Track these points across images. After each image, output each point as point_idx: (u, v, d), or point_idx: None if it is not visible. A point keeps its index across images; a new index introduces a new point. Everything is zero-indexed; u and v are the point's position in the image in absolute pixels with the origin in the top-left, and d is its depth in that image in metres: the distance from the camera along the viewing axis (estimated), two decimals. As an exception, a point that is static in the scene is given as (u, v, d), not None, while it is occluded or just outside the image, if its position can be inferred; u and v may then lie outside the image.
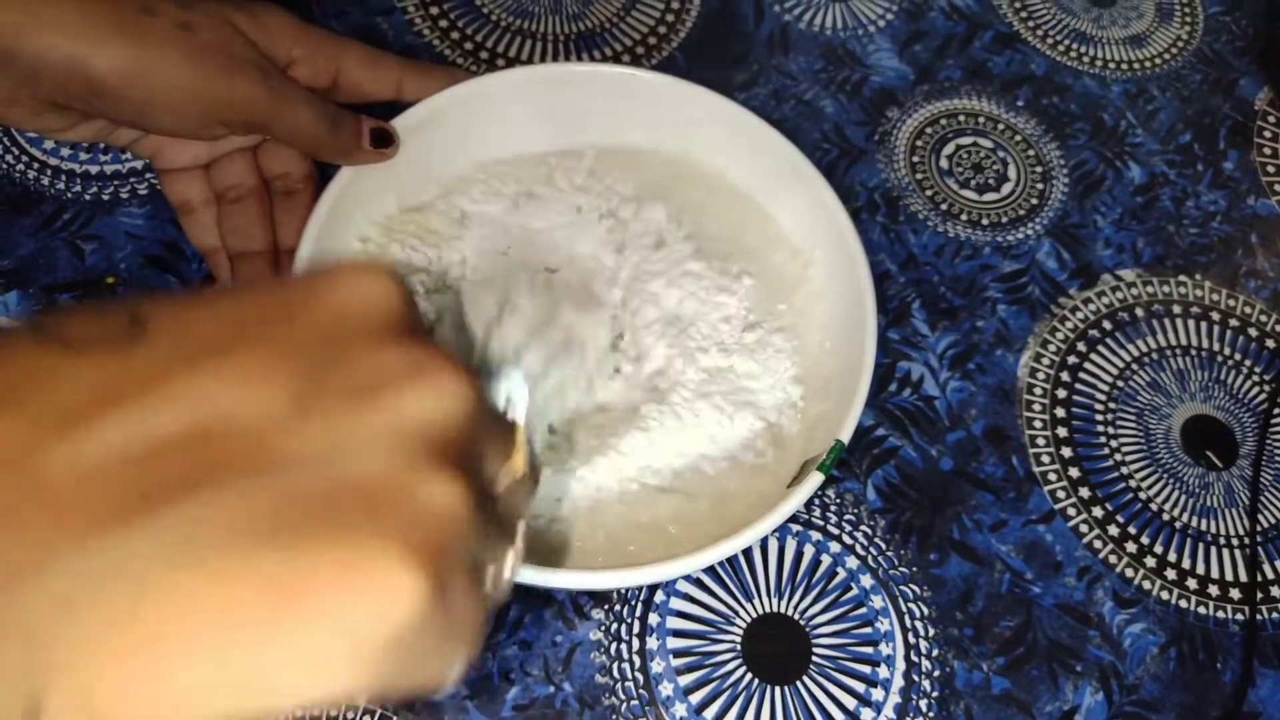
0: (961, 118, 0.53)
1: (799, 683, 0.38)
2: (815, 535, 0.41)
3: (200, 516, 0.16)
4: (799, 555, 0.40)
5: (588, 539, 0.37)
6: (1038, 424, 0.45)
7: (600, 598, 0.39)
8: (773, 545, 0.40)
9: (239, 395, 0.18)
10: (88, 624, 0.16)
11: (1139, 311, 0.48)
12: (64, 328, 0.18)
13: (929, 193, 0.50)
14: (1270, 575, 0.42)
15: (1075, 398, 0.45)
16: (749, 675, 0.38)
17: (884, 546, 0.41)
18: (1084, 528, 0.42)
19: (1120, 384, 0.46)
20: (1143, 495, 0.44)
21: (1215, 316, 0.49)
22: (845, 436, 0.35)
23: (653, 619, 0.38)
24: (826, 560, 0.40)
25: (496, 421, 0.23)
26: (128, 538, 0.16)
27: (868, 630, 0.39)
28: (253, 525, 0.17)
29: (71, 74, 0.32)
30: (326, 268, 0.21)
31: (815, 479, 0.35)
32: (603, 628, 0.38)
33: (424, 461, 0.19)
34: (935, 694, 0.38)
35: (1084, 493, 0.43)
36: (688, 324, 0.40)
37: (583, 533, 0.37)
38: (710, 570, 0.39)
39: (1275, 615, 0.42)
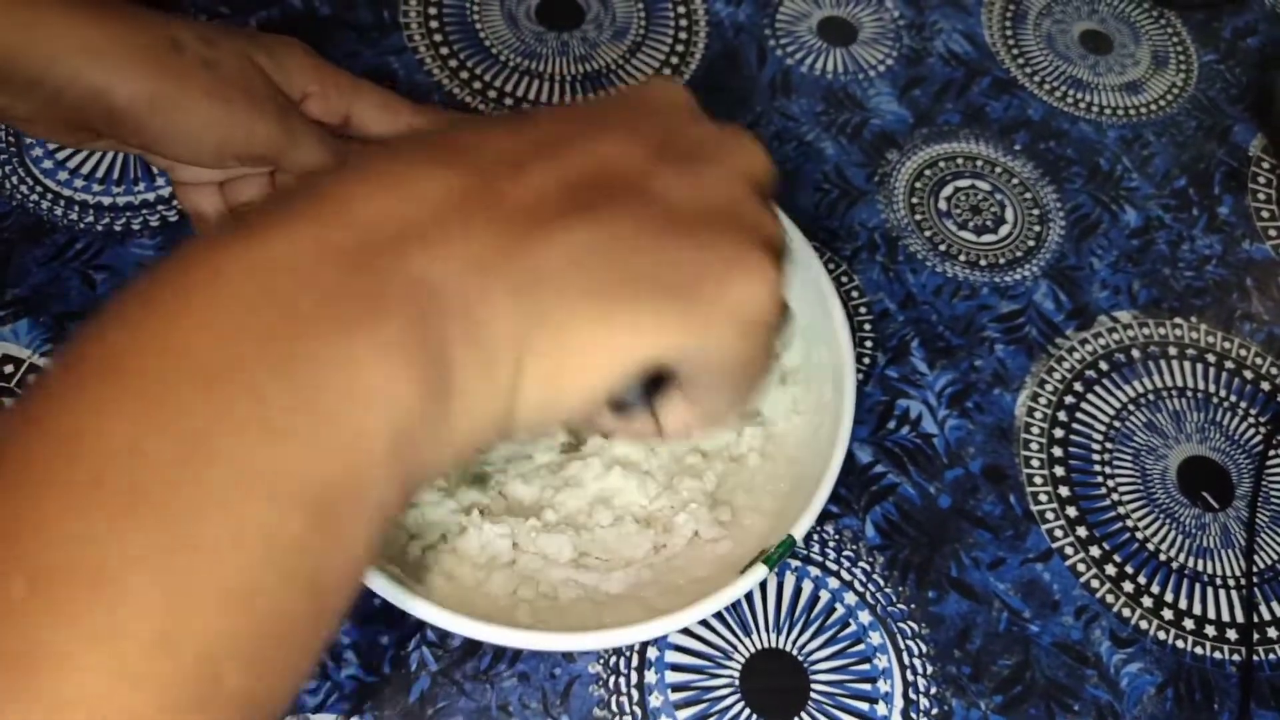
0: (960, 160, 0.54)
1: (796, 718, 0.38)
2: (814, 571, 0.41)
3: (618, 218, 0.23)
4: (797, 590, 0.40)
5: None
6: (1035, 463, 0.45)
7: (599, 631, 0.39)
8: (771, 581, 0.40)
9: (614, 150, 0.24)
10: (558, 289, 0.21)
11: (1135, 353, 0.49)
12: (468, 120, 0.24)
13: (928, 233, 0.51)
14: (1267, 616, 0.43)
15: (1072, 437, 0.46)
16: (747, 710, 0.38)
17: (882, 583, 0.41)
18: (1081, 567, 0.43)
19: (1117, 424, 0.47)
20: (1140, 535, 0.44)
21: (1211, 359, 0.49)
22: (799, 533, 0.35)
23: (651, 653, 0.39)
24: (825, 596, 0.40)
25: None
26: (576, 230, 0.22)
27: (866, 667, 0.39)
28: (651, 226, 0.23)
29: (93, 101, 0.33)
30: (634, 85, 0.28)
31: (758, 572, 0.34)
32: (601, 661, 0.38)
33: (755, 195, 0.25)
34: (933, 732, 0.38)
35: (1081, 532, 0.43)
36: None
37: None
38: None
39: (1272, 656, 0.42)
